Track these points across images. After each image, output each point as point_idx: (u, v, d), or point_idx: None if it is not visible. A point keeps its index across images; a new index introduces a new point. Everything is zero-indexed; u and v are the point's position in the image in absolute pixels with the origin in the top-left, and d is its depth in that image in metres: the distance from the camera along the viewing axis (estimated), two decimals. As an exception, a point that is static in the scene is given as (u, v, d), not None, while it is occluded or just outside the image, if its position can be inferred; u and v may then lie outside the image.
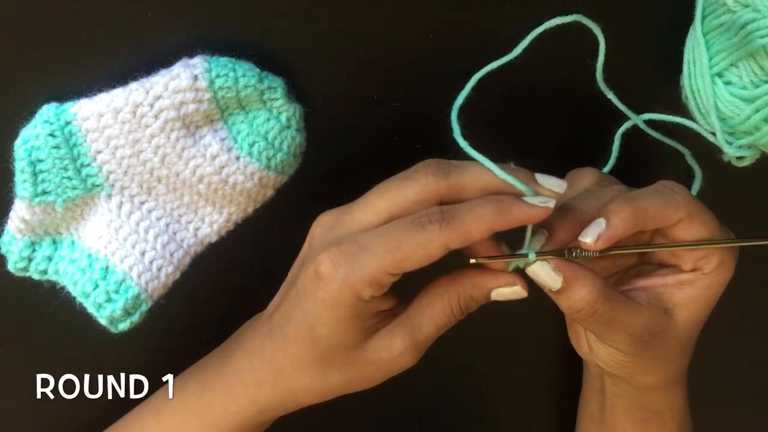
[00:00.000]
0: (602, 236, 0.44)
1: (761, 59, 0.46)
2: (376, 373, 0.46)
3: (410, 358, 0.46)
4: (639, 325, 0.46)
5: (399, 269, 0.43)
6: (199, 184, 0.50)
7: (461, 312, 0.46)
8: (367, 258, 0.42)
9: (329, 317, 0.44)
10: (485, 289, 0.45)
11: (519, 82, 0.53)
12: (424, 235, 0.42)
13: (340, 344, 0.45)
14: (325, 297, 0.43)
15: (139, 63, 0.49)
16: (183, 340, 0.58)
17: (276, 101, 0.49)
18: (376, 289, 0.43)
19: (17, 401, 0.59)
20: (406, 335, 0.45)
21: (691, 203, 0.45)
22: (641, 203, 0.44)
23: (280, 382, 0.47)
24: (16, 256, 0.52)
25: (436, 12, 0.51)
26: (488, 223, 0.42)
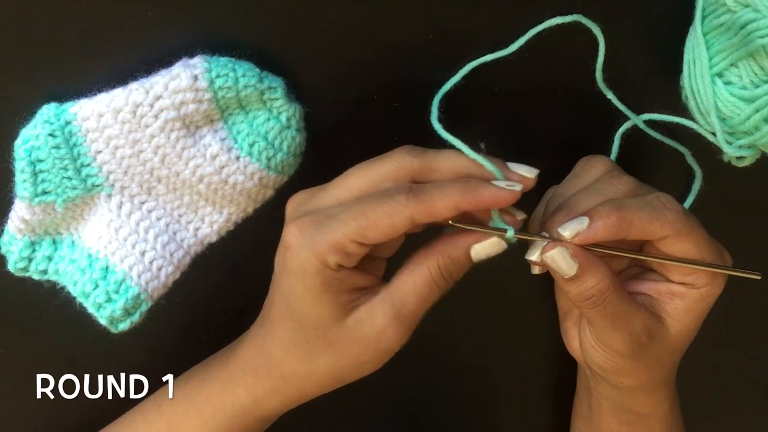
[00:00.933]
0: (581, 234, 0.44)
1: (761, 59, 0.46)
2: (363, 354, 0.45)
3: (396, 334, 0.45)
4: (640, 324, 0.46)
5: (364, 237, 0.43)
6: (199, 184, 0.50)
7: (443, 278, 0.45)
8: (332, 225, 0.43)
9: (300, 287, 0.44)
10: (463, 248, 0.45)
11: (519, 82, 0.53)
12: (391, 204, 0.43)
13: (316, 318, 0.45)
14: (293, 266, 0.44)
15: (139, 63, 0.49)
16: (183, 340, 0.58)
17: (276, 101, 0.49)
18: (342, 257, 0.43)
19: (17, 401, 0.59)
20: (387, 309, 0.44)
21: (681, 222, 0.45)
22: (628, 214, 0.44)
23: (272, 369, 0.48)
24: (16, 256, 0.52)
25: (436, 12, 0.51)
26: (454, 199, 0.43)
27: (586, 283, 0.45)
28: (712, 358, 0.62)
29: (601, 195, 0.46)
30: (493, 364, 0.62)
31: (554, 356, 0.61)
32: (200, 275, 0.54)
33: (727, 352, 0.63)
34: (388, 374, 0.48)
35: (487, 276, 0.48)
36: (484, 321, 0.49)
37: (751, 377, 0.64)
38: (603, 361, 0.49)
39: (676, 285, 0.47)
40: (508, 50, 0.50)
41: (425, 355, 0.47)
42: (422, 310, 0.45)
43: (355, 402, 0.49)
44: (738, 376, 0.64)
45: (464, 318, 0.47)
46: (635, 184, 0.48)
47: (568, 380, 0.60)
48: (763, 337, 0.63)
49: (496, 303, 0.46)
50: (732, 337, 0.62)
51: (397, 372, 0.49)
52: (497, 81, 0.53)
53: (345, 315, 0.45)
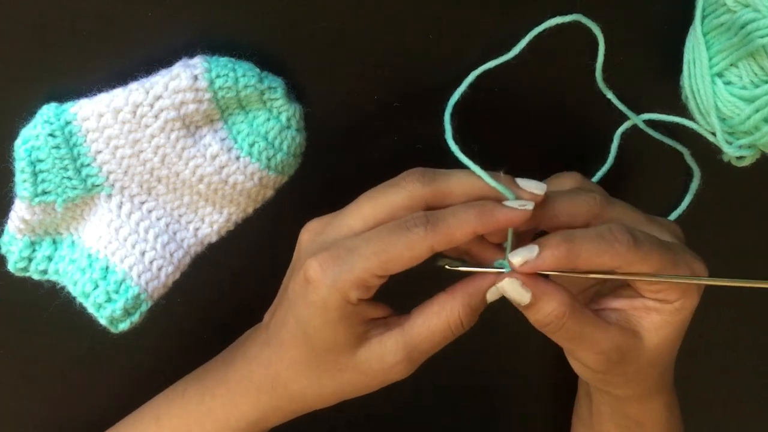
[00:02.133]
0: (529, 263, 0.44)
1: (761, 59, 0.46)
2: (368, 383, 0.47)
3: (402, 372, 0.46)
4: (607, 344, 0.46)
5: (385, 271, 0.44)
6: (199, 184, 0.50)
7: (461, 327, 0.46)
8: (354, 261, 0.43)
9: (319, 320, 0.45)
10: (481, 293, 0.46)
11: (519, 82, 0.53)
12: (410, 237, 0.43)
13: (331, 347, 0.46)
14: (315, 300, 0.44)
15: (139, 63, 0.49)
16: (183, 340, 0.58)
17: (276, 101, 0.49)
18: (363, 291, 0.44)
19: (17, 401, 0.59)
20: (399, 349, 0.45)
21: (630, 252, 0.44)
22: (577, 246, 0.44)
23: (278, 387, 0.48)
24: (16, 256, 0.52)
25: (436, 12, 0.51)
26: (472, 226, 0.43)
27: (542, 311, 0.45)
28: (712, 360, 0.62)
29: (573, 203, 0.46)
30: (493, 365, 0.62)
31: (555, 357, 0.61)
32: (200, 275, 0.54)
33: (728, 352, 0.63)
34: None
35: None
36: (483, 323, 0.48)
37: (752, 377, 0.64)
38: (584, 375, 0.50)
39: (649, 300, 0.47)
40: (509, 54, 0.50)
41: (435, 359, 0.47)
42: (433, 352, 0.46)
43: (349, 401, 0.50)
44: (738, 376, 0.64)
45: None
46: (606, 196, 0.48)
47: (569, 383, 0.60)
48: (763, 337, 0.63)
49: (497, 303, 0.46)
50: (732, 337, 0.62)
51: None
52: (497, 81, 0.53)
53: (358, 345, 0.46)
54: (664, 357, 0.49)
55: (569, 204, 0.46)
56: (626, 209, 0.48)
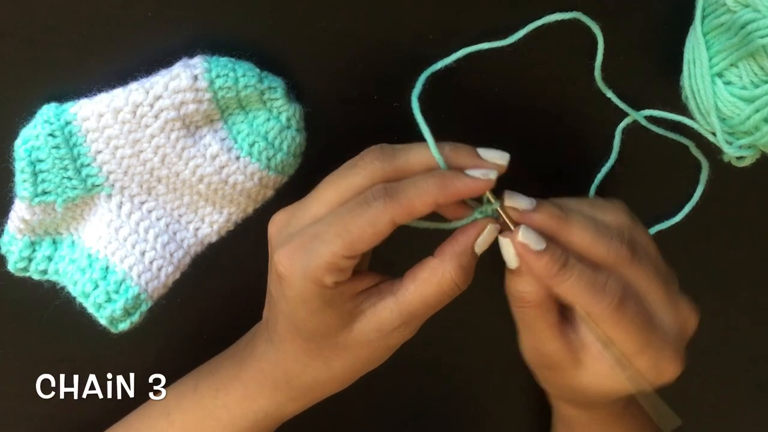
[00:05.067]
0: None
1: (761, 59, 0.46)
2: (374, 354, 0.47)
3: (403, 335, 0.46)
4: (546, 350, 0.47)
5: (352, 251, 0.43)
6: (199, 184, 0.50)
7: (456, 287, 0.45)
8: (318, 247, 0.43)
9: (303, 312, 0.45)
10: (471, 250, 0.45)
11: (519, 82, 0.53)
12: (370, 212, 0.43)
13: (325, 332, 0.45)
14: (292, 295, 0.44)
15: (139, 63, 0.49)
16: (183, 340, 0.58)
17: (276, 101, 0.49)
18: (337, 274, 0.43)
19: (17, 401, 0.59)
20: (394, 318, 0.45)
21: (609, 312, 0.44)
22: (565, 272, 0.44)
23: (292, 381, 0.48)
24: (16, 256, 0.52)
25: (436, 12, 0.51)
26: (432, 195, 0.43)
27: (517, 284, 0.45)
28: (711, 359, 0.62)
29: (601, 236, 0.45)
30: (481, 362, 0.62)
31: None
32: (200, 275, 0.54)
33: (727, 352, 0.63)
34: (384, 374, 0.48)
35: (488, 276, 0.48)
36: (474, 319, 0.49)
37: (752, 377, 0.64)
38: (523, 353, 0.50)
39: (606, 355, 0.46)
40: (506, 41, 0.50)
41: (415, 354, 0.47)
42: (430, 314, 0.46)
43: (345, 401, 0.50)
44: (738, 376, 0.64)
45: (455, 317, 0.47)
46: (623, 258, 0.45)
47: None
48: (763, 337, 0.63)
49: (495, 303, 0.46)
50: (731, 337, 0.62)
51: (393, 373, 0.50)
52: (497, 81, 0.53)
53: (352, 321, 0.45)
54: (595, 396, 0.48)
55: (590, 241, 0.45)
56: (648, 276, 0.46)
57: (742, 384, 0.64)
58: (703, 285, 0.59)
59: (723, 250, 0.59)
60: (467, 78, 0.52)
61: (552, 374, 0.49)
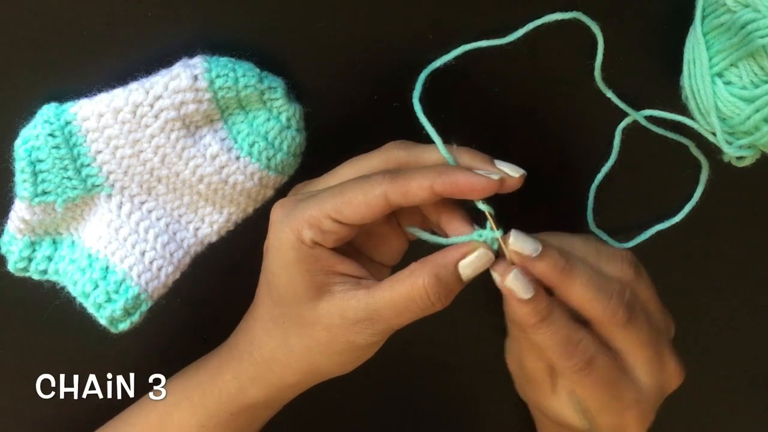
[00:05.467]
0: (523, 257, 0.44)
1: (761, 59, 0.46)
2: (333, 344, 0.45)
3: (365, 333, 0.45)
4: (527, 365, 0.48)
5: (339, 213, 0.43)
6: (199, 184, 0.50)
7: (428, 300, 0.43)
8: (310, 202, 0.44)
9: (276, 263, 0.45)
10: (451, 266, 0.44)
11: (520, 81, 0.53)
12: (366, 184, 0.43)
13: (291, 295, 0.45)
14: (272, 241, 0.45)
15: (139, 63, 0.49)
16: (183, 340, 0.58)
17: (276, 101, 0.49)
18: (317, 232, 0.44)
19: (17, 401, 0.59)
20: (360, 308, 0.44)
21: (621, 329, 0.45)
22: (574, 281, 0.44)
23: (254, 352, 0.48)
24: (16, 256, 0.52)
25: (436, 12, 0.51)
26: (429, 180, 0.42)
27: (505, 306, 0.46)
28: (711, 358, 0.62)
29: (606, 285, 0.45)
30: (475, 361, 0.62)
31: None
32: (200, 275, 0.54)
33: (727, 352, 0.63)
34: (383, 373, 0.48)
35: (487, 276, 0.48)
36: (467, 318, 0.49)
37: (751, 377, 0.64)
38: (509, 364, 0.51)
39: None
40: (505, 39, 0.50)
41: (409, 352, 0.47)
42: (397, 324, 0.45)
43: (341, 400, 0.50)
44: (738, 376, 0.64)
45: (450, 316, 0.47)
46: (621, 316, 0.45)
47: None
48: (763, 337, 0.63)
49: (494, 303, 0.46)
50: (730, 337, 0.62)
51: (393, 371, 0.50)
52: (497, 81, 0.53)
53: (319, 297, 0.45)
54: (562, 424, 0.49)
55: (590, 299, 0.44)
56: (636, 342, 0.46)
57: (742, 384, 0.64)
58: (703, 285, 0.59)
59: (723, 250, 0.59)
60: (467, 78, 0.52)
61: (528, 386, 0.49)
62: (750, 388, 0.65)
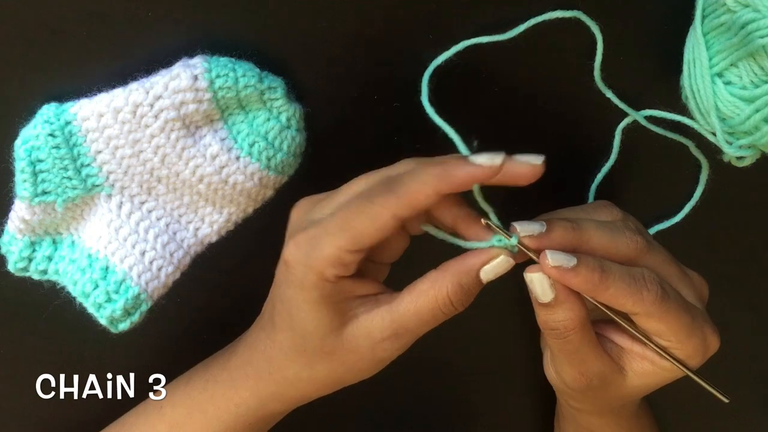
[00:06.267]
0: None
1: (761, 59, 0.46)
2: (359, 362, 0.46)
3: (392, 347, 0.45)
4: (595, 370, 0.46)
5: (356, 245, 0.43)
6: (199, 184, 0.50)
7: (451, 306, 0.44)
8: (324, 239, 0.43)
9: (300, 300, 0.44)
10: (473, 273, 0.44)
11: (519, 81, 0.53)
12: (373, 209, 0.42)
13: (315, 328, 0.45)
14: (293, 281, 0.44)
15: (139, 63, 0.49)
16: (183, 340, 0.58)
17: (276, 101, 0.49)
18: (339, 268, 0.43)
19: (17, 401, 0.59)
20: (385, 326, 0.44)
21: (654, 306, 0.44)
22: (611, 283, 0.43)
23: (275, 372, 0.48)
24: (16, 256, 0.52)
25: (436, 12, 0.51)
26: (431, 186, 0.42)
27: (556, 315, 0.44)
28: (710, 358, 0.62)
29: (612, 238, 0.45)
30: (475, 362, 0.62)
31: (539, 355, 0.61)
32: (200, 275, 0.54)
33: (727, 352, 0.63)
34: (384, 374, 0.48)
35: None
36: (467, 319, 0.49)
37: (752, 377, 0.64)
38: (553, 382, 0.50)
39: (650, 351, 0.47)
40: (506, 35, 0.50)
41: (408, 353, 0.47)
42: (423, 332, 0.45)
43: (339, 400, 0.50)
44: (738, 376, 0.64)
45: (461, 318, 0.47)
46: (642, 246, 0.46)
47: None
48: (763, 336, 0.63)
49: (493, 304, 0.46)
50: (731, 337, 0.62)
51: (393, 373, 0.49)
52: (497, 80, 0.53)
53: (343, 325, 0.45)
54: (635, 398, 0.49)
55: (610, 241, 0.45)
56: (664, 260, 0.47)
57: (742, 383, 0.64)
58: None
59: (723, 250, 0.59)
60: (467, 77, 0.52)
61: (596, 392, 0.48)
62: (750, 388, 0.65)
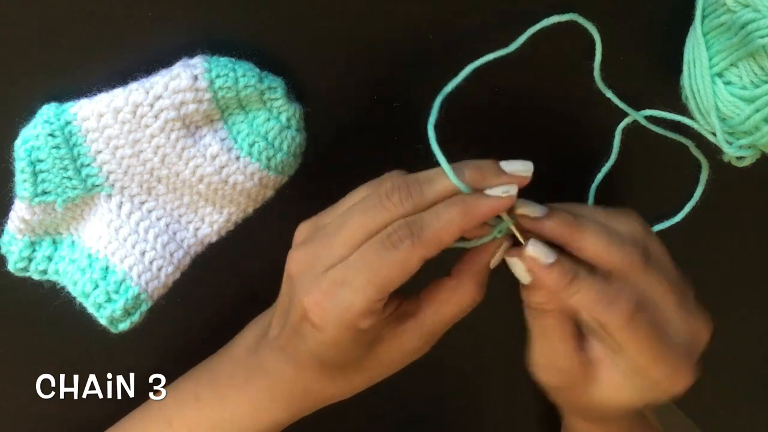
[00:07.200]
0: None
1: (761, 59, 0.46)
2: (392, 369, 0.48)
3: (422, 351, 0.47)
4: (561, 365, 0.46)
5: (383, 294, 0.43)
6: (199, 184, 0.50)
7: (474, 304, 0.46)
8: (350, 295, 0.43)
9: (334, 351, 0.45)
10: (486, 269, 0.46)
11: (519, 81, 0.53)
12: (399, 255, 0.42)
13: (353, 360, 0.47)
14: (325, 340, 0.44)
15: (139, 63, 0.49)
16: (183, 340, 0.58)
17: (276, 101, 0.49)
18: (371, 317, 0.44)
19: (17, 401, 0.59)
20: (415, 339, 0.46)
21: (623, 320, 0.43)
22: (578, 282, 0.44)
23: (310, 396, 0.49)
24: (16, 256, 0.52)
25: (436, 12, 0.51)
26: (457, 225, 0.43)
27: (533, 297, 0.46)
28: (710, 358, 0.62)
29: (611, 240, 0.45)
30: (480, 364, 0.62)
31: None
32: (200, 275, 0.54)
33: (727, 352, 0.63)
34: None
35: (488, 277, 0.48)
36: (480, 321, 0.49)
37: (752, 377, 0.64)
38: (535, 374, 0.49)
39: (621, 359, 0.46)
40: (507, 49, 0.50)
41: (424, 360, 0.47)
42: (446, 330, 0.47)
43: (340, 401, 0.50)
44: (738, 376, 0.64)
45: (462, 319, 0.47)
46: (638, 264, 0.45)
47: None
48: (763, 336, 0.63)
49: (495, 304, 0.46)
50: (731, 337, 0.62)
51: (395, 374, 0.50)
52: (497, 80, 0.53)
53: (375, 347, 0.46)
54: (610, 410, 0.48)
55: (603, 248, 0.44)
56: (662, 285, 0.45)
57: (743, 383, 0.64)
58: (703, 285, 0.59)
59: (723, 250, 0.59)
60: (466, 78, 0.52)
61: (567, 392, 0.48)
62: (750, 388, 0.65)
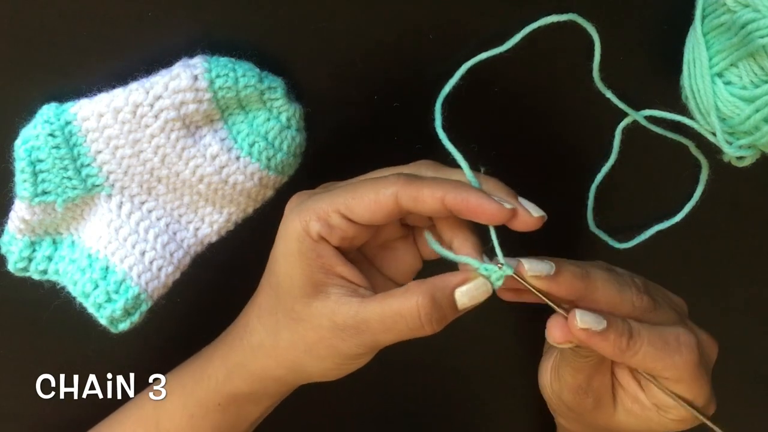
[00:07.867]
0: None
1: (761, 59, 0.46)
2: (318, 345, 0.45)
3: (351, 342, 0.44)
4: (595, 386, 0.47)
5: (348, 209, 0.43)
6: (199, 184, 0.50)
7: (417, 318, 0.43)
8: (323, 196, 0.45)
9: (279, 250, 0.46)
10: (448, 290, 0.43)
11: (519, 81, 0.53)
12: (379, 182, 0.43)
13: (288, 286, 0.45)
14: (281, 229, 0.46)
15: (139, 63, 0.49)
16: (183, 340, 0.58)
17: (276, 101, 0.49)
18: (324, 226, 0.44)
19: (17, 401, 0.59)
20: (350, 316, 0.44)
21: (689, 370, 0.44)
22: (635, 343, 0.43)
23: (245, 338, 0.49)
24: (16, 256, 0.52)
25: (435, 12, 0.51)
26: (442, 190, 0.42)
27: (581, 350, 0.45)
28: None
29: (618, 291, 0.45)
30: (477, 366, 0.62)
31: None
32: (200, 275, 0.54)
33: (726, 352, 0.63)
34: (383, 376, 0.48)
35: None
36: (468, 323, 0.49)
37: (752, 376, 0.64)
38: (546, 391, 0.50)
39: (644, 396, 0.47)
40: (503, 47, 0.50)
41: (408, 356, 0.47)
42: (384, 340, 0.44)
43: (339, 401, 0.50)
44: (738, 376, 0.64)
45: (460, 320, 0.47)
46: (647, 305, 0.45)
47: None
48: (763, 336, 0.63)
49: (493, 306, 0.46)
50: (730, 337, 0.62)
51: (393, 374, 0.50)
52: (497, 81, 0.53)
53: (314, 295, 0.45)
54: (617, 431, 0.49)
55: (616, 294, 0.44)
56: (671, 319, 0.46)
57: (742, 383, 0.64)
58: (702, 285, 0.59)
59: (723, 250, 0.59)
60: (466, 78, 0.52)
61: (586, 414, 0.48)
62: (750, 388, 0.65)
